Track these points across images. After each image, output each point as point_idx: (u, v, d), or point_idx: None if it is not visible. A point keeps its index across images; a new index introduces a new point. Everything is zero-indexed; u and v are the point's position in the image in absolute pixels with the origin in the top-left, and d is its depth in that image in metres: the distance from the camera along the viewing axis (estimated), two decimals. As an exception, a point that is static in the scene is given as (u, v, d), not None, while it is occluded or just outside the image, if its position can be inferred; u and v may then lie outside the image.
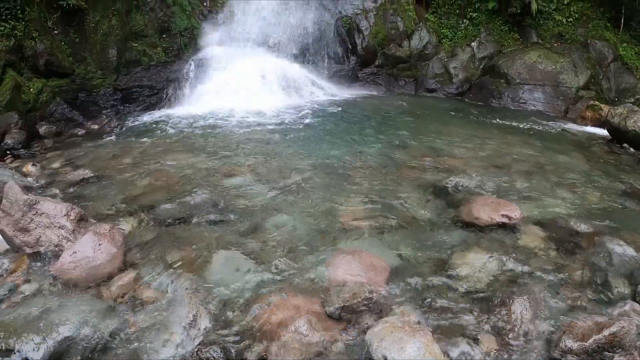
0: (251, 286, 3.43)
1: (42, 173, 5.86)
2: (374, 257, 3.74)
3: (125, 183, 5.32)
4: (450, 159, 6.18)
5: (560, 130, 8.50)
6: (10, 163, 6.37)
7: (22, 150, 6.97)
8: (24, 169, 5.90)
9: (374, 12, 11.69)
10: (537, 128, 8.50)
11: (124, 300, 3.31)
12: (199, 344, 2.84)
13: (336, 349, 2.84)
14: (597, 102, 9.39)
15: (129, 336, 2.94)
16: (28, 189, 4.54)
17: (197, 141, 6.98)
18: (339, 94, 10.71)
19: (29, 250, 3.81)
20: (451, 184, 5.18)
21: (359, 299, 3.15)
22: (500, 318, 3.09)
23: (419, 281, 3.50)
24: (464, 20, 12.16)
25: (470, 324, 3.06)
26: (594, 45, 11.29)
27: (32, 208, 3.88)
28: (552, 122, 8.98)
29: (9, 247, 3.91)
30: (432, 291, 3.41)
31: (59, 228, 3.87)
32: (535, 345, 2.90)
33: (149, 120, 8.54)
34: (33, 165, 6.02)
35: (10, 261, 3.77)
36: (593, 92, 10.58)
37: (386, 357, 2.55)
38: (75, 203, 4.50)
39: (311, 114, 8.66)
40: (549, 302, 3.29)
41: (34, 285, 3.42)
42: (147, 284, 3.46)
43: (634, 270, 3.58)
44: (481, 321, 3.09)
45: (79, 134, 8.06)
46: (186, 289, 3.32)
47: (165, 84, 9.56)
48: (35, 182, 5.49)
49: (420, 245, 4.00)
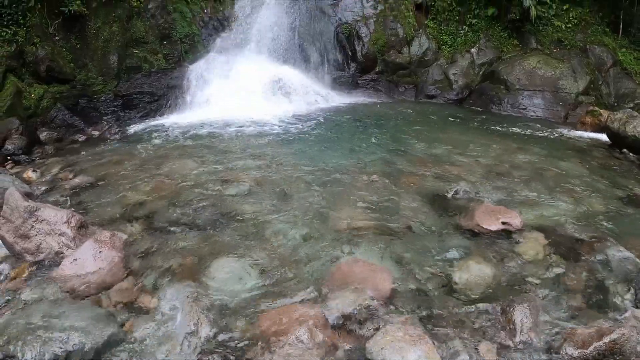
0: (252, 294, 3.43)
1: (43, 179, 5.87)
2: (375, 266, 3.74)
3: (125, 190, 5.32)
4: (450, 166, 6.18)
5: (560, 136, 8.51)
6: (11, 169, 6.38)
7: (23, 156, 6.97)
8: (24, 175, 5.91)
9: (374, 19, 11.73)
10: (537, 134, 8.51)
11: (124, 307, 3.31)
12: (199, 353, 2.84)
13: (337, 357, 2.84)
14: (597, 108, 9.39)
15: (129, 344, 2.95)
16: (28, 196, 4.54)
17: (198, 149, 6.99)
18: (339, 101, 10.73)
19: (29, 257, 3.82)
20: (451, 192, 5.19)
21: (360, 308, 3.15)
22: (501, 326, 3.09)
23: (420, 289, 3.50)
24: (464, 26, 12.20)
25: (470, 333, 3.06)
26: (593, 50, 11.32)
27: (33, 215, 3.89)
28: (552, 128, 8.98)
29: (9, 254, 3.92)
30: (433, 299, 3.41)
31: (59, 235, 3.87)
32: (536, 353, 2.90)
33: (149, 127, 8.54)
34: (34, 171, 6.03)
35: (10, 268, 3.78)
36: (592, 98, 10.58)
37: (387, 366, 2.55)
38: (75, 210, 4.52)
39: (312, 121, 8.67)
40: (549, 310, 3.29)
41: (34, 292, 3.42)
42: (148, 291, 3.47)
43: (634, 277, 3.58)
44: (481, 330, 3.09)
45: (79, 140, 8.06)
46: (187, 296, 3.32)
47: (166, 90, 9.57)
48: (35, 189, 5.49)
49: (422, 254, 4.00)
